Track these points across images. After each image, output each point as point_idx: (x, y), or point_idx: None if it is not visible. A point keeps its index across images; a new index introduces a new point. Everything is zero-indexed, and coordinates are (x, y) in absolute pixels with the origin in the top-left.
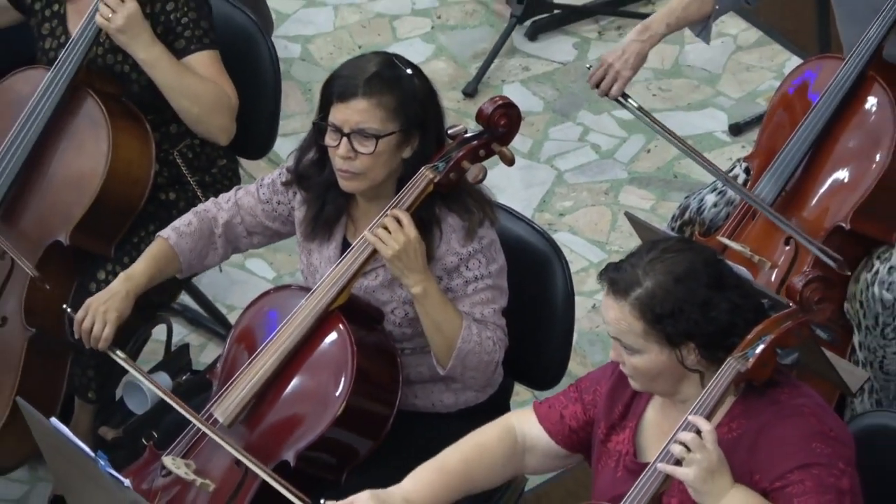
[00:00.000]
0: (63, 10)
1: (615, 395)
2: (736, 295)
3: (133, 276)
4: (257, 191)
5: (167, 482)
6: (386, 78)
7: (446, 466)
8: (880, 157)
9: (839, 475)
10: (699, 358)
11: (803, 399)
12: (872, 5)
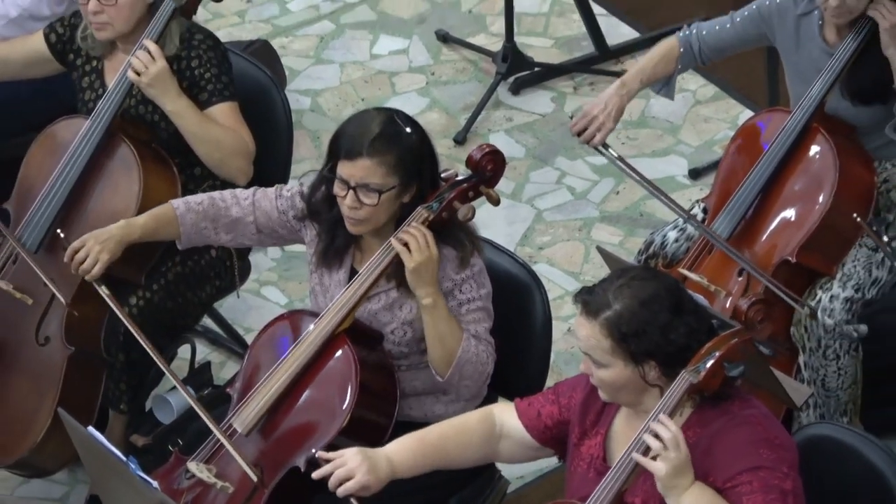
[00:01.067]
0: (101, 66)
1: (588, 404)
2: (693, 319)
3: (131, 224)
4: (276, 199)
5: (191, 484)
6: (388, 138)
7: (426, 437)
8: (823, 198)
9: (783, 477)
10: (659, 374)
11: (751, 410)
12: (816, 65)
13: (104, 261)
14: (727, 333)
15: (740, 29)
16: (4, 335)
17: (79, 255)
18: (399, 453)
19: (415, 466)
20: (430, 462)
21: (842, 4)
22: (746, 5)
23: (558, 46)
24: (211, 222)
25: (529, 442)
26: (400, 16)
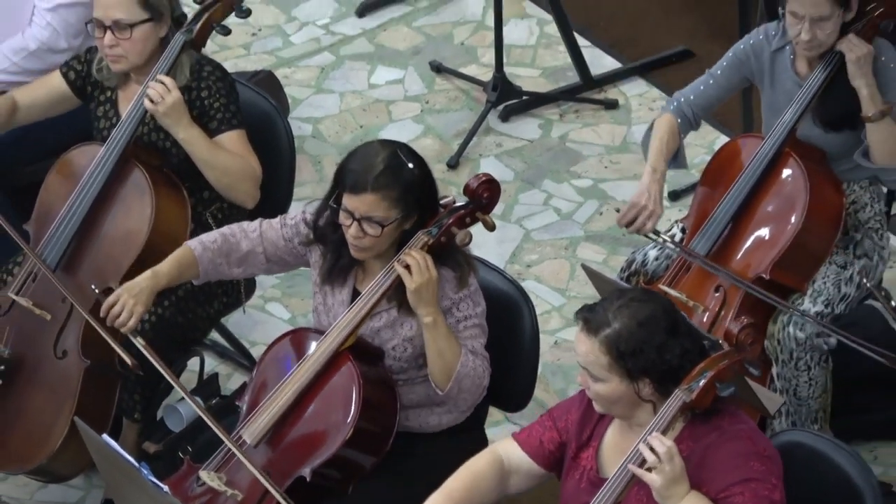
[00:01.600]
0: (115, 96)
1: (584, 420)
2: (687, 341)
3: (158, 274)
4: (281, 228)
5: (202, 491)
6: (391, 173)
7: (452, 495)
8: (795, 219)
9: (772, 489)
10: (653, 391)
11: (741, 425)
12: (789, 96)
13: (139, 313)
14: (718, 354)
15: (723, 81)
16: (25, 349)
17: (114, 310)
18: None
19: None
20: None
21: (813, 38)
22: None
23: (545, 76)
24: (225, 258)
25: (537, 470)
26: (396, 48)
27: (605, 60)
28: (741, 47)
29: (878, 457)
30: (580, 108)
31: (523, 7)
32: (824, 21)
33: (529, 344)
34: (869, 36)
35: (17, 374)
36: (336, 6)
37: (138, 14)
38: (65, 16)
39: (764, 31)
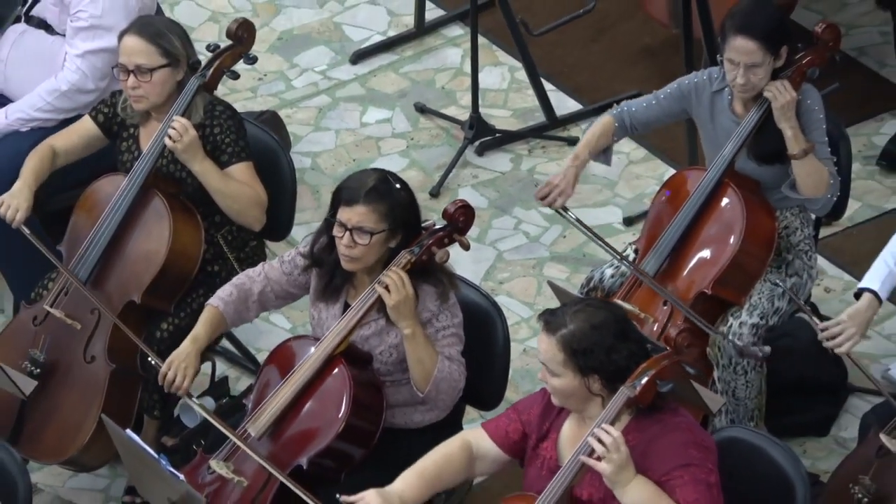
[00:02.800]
0: (137, 133)
1: (544, 415)
2: (634, 346)
3: (198, 338)
4: (280, 266)
5: (212, 479)
6: (381, 191)
7: (424, 473)
8: (733, 241)
9: (708, 473)
10: (601, 386)
11: (680, 418)
12: (727, 132)
13: (190, 374)
14: (659, 356)
15: (665, 105)
16: (58, 355)
17: (169, 377)
18: (407, 490)
19: (421, 497)
20: (430, 491)
21: (747, 83)
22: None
23: (515, 116)
24: (243, 304)
25: (502, 457)
26: (385, 91)
27: (569, 103)
28: (686, 82)
29: (807, 451)
30: (546, 144)
31: (496, 56)
32: (757, 67)
33: (501, 351)
34: (797, 82)
35: (51, 377)
36: (332, 55)
37: (157, 60)
38: (92, 61)
39: (708, 73)
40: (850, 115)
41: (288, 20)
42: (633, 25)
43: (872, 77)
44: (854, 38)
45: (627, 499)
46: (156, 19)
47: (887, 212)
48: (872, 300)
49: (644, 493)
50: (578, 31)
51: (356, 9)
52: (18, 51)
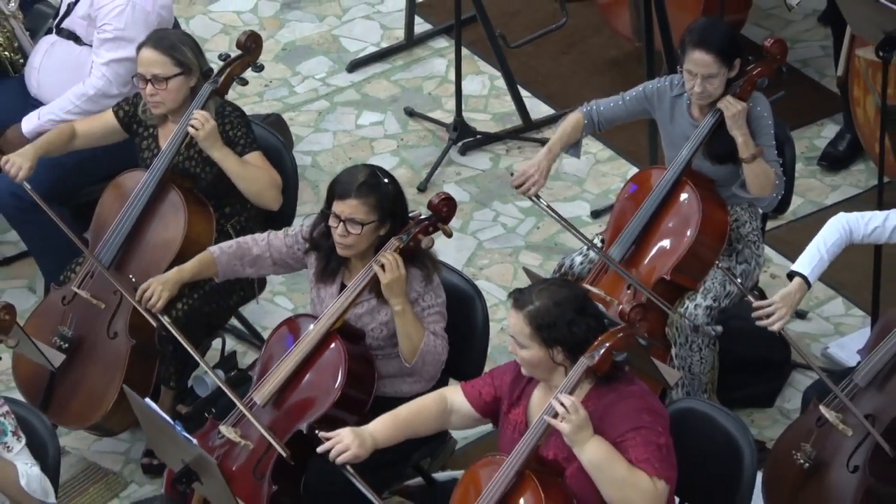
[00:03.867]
0: (155, 133)
1: (515, 383)
2: (593, 320)
3: (182, 270)
4: (284, 237)
5: (221, 443)
6: (370, 185)
7: (398, 416)
8: (689, 233)
9: (658, 435)
10: (564, 357)
11: (635, 387)
12: (685, 135)
13: (165, 297)
14: (615, 329)
15: (629, 105)
16: (84, 332)
17: (146, 294)
18: (379, 430)
19: (391, 438)
20: (401, 434)
21: (703, 91)
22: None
23: (495, 120)
24: (239, 260)
25: (473, 414)
26: (378, 97)
27: (542, 108)
28: (650, 87)
29: (754, 420)
30: (522, 145)
31: (478, 66)
32: (713, 78)
33: (481, 329)
34: (748, 90)
35: (77, 351)
36: (331, 64)
37: (172, 69)
38: (116, 69)
39: (669, 79)
40: (794, 121)
41: (291, 33)
42: (600, 39)
43: (814, 86)
44: (798, 52)
45: (585, 456)
46: (170, 32)
47: (826, 207)
48: (802, 284)
49: (600, 452)
50: (551, 45)
51: (352, 23)
52: (50, 60)
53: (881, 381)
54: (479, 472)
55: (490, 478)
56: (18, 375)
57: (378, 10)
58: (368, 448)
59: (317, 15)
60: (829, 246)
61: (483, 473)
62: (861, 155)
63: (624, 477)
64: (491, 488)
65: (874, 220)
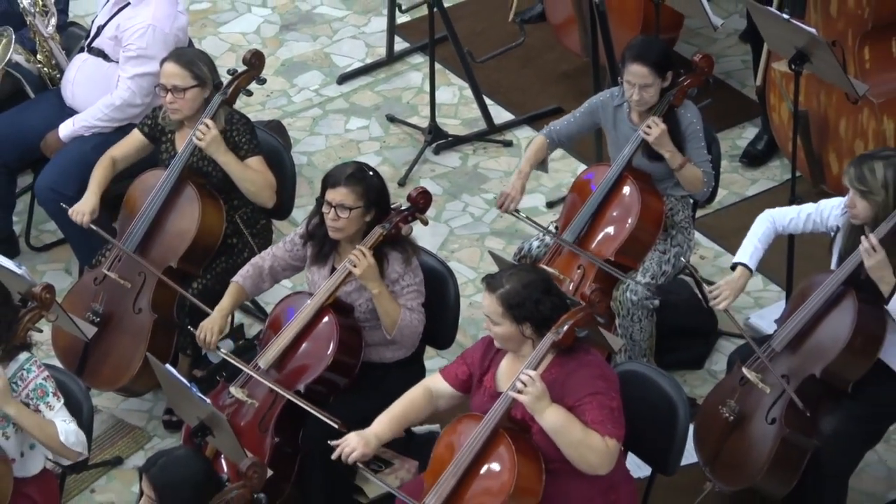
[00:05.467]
0: (173, 137)
1: (484, 355)
2: (556, 300)
3: (223, 308)
4: (283, 246)
5: (231, 402)
6: (358, 176)
7: (393, 413)
8: (631, 221)
9: (611, 399)
10: (532, 332)
11: (591, 357)
12: (626, 137)
13: (217, 335)
14: (577, 308)
15: (580, 120)
16: (113, 308)
17: (200, 337)
18: (380, 429)
19: (391, 432)
20: (399, 427)
21: (641, 99)
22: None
23: (464, 124)
24: (259, 277)
25: (455, 394)
26: (364, 105)
27: (504, 114)
28: (594, 101)
29: (687, 381)
30: (487, 146)
31: (449, 78)
32: (649, 87)
33: (453, 304)
34: (680, 98)
35: (107, 324)
36: (323, 77)
37: (189, 81)
38: (139, 82)
39: (610, 92)
40: (719, 124)
41: (289, 51)
42: (553, 55)
43: (736, 95)
44: (722, 65)
45: (545, 422)
46: (188, 50)
47: (747, 198)
48: (744, 271)
49: (558, 418)
50: (511, 60)
51: (341, 42)
52: (82, 74)
53: (794, 345)
54: (457, 429)
55: (468, 434)
56: (57, 345)
57: (363, 31)
58: (373, 447)
59: (311, 35)
60: (762, 237)
61: (461, 430)
62: (777, 153)
63: (579, 438)
64: (469, 443)
65: (790, 213)
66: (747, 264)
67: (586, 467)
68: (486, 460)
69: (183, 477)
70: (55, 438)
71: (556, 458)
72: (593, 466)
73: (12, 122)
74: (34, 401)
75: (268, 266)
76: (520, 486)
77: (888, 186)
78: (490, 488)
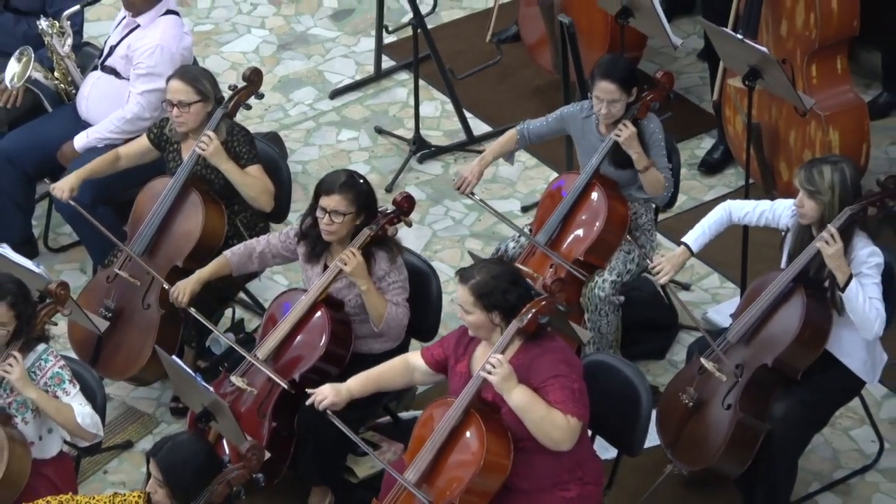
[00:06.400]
0: (178, 147)
1: (459, 343)
2: (522, 290)
3: (202, 272)
4: (279, 236)
5: (232, 390)
6: (349, 184)
7: (369, 373)
8: (598, 224)
9: (573, 381)
10: (501, 320)
11: (555, 343)
12: (594, 147)
13: (188, 294)
14: (539, 298)
15: (551, 125)
16: (124, 304)
17: (173, 293)
18: (353, 384)
19: (363, 389)
20: (372, 386)
21: (608, 113)
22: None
23: (445, 136)
24: (247, 257)
25: (429, 371)
26: (354, 118)
27: (482, 126)
28: (566, 110)
29: (650, 370)
30: (467, 155)
31: (431, 93)
32: (616, 102)
33: (436, 299)
34: (644, 111)
35: (119, 319)
36: (317, 93)
37: (194, 97)
38: (148, 97)
39: (580, 105)
40: (680, 135)
41: (285, 68)
42: (527, 72)
43: (695, 109)
44: (682, 81)
45: (512, 401)
46: (193, 68)
47: (705, 202)
48: (684, 250)
49: (524, 397)
50: (489, 76)
51: (333, 60)
52: (96, 90)
53: (748, 338)
54: (434, 412)
55: (443, 415)
56: (72, 338)
57: (353, 50)
58: (343, 397)
59: (305, 54)
60: (713, 224)
61: (437, 412)
62: (732, 162)
63: (543, 416)
64: (444, 422)
65: (747, 206)
66: (690, 245)
67: (550, 443)
68: (459, 437)
69: (187, 459)
70: (72, 420)
71: (525, 436)
72: (556, 442)
73: (32, 134)
74: (52, 387)
75: (259, 249)
76: (489, 461)
77: (834, 188)
78: (463, 462)
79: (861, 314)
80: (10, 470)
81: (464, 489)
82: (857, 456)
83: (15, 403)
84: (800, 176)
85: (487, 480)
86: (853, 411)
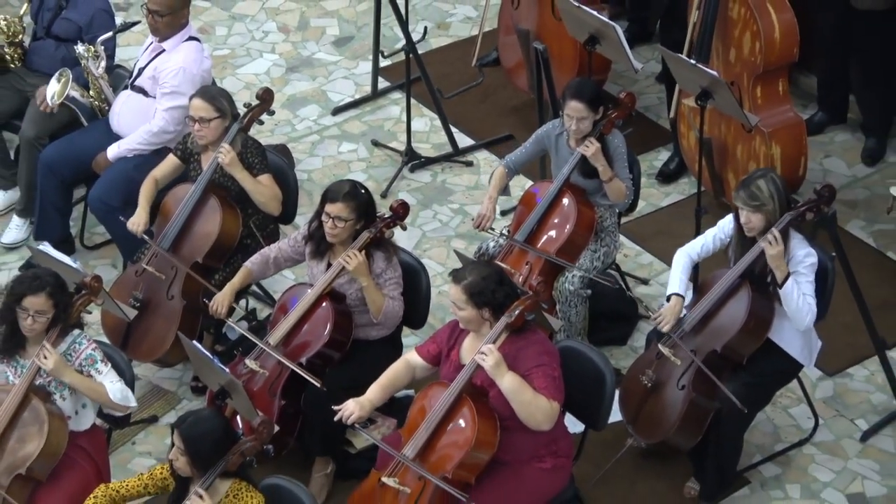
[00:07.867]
0: (199, 158)
1: (450, 335)
2: (510, 289)
3: (233, 285)
4: (288, 242)
5: (246, 372)
6: (352, 194)
7: (382, 382)
8: (568, 226)
9: (553, 369)
10: (490, 315)
11: (538, 335)
12: (565, 159)
13: (226, 307)
14: (526, 297)
15: (530, 149)
16: (151, 295)
17: (212, 309)
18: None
19: (382, 398)
20: (388, 393)
21: (578, 129)
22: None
23: (434, 148)
24: (265, 264)
25: (428, 366)
26: (353, 132)
27: (466, 139)
28: (540, 132)
29: (613, 355)
30: (453, 165)
31: (422, 111)
32: (584, 119)
33: (425, 293)
34: (609, 128)
35: (146, 308)
36: (320, 110)
37: (213, 114)
38: (172, 114)
39: (553, 123)
40: (640, 148)
41: (293, 88)
42: (506, 92)
43: (653, 125)
44: (643, 101)
45: (503, 385)
46: (212, 88)
47: (662, 208)
48: (678, 299)
49: (513, 381)
50: (473, 96)
51: (335, 81)
52: (126, 107)
53: (700, 327)
54: (428, 394)
55: (437, 398)
56: (105, 325)
57: (353, 73)
58: (367, 409)
59: (310, 76)
60: (682, 269)
61: (431, 394)
62: (685, 172)
63: (530, 399)
64: (438, 405)
65: (698, 242)
66: (679, 293)
67: (534, 424)
68: (452, 418)
69: (207, 431)
70: (105, 396)
71: (508, 416)
72: (539, 423)
73: (69, 145)
74: (86, 368)
75: (273, 256)
76: (479, 440)
77: (773, 196)
78: (456, 441)
79: (795, 308)
80: (50, 441)
81: (457, 464)
82: (795, 431)
83: (54, 382)
84: (740, 196)
85: (478, 455)
86: (792, 391)
